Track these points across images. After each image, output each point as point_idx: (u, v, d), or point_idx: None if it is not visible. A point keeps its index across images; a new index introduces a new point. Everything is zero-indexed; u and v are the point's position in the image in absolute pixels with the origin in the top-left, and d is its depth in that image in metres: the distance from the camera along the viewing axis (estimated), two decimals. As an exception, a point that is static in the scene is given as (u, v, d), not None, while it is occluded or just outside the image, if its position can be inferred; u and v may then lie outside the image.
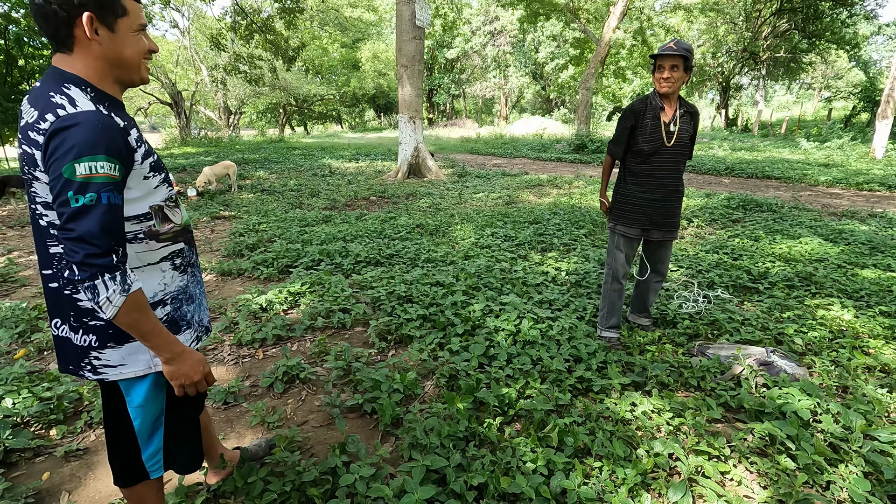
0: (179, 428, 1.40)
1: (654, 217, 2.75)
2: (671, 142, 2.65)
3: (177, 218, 1.27)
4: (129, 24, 1.10)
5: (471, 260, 4.49)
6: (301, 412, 2.38)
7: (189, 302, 1.35)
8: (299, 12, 16.21)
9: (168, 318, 1.28)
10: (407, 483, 1.70)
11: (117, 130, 1.05)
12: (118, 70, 1.12)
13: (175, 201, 1.28)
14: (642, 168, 2.72)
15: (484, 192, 8.59)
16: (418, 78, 10.43)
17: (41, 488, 1.89)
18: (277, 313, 3.46)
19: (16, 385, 2.45)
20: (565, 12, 20.43)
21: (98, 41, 1.06)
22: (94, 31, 1.05)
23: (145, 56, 1.16)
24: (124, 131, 1.08)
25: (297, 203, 7.82)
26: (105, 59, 1.09)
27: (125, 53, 1.11)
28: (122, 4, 1.08)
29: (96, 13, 1.04)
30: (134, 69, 1.14)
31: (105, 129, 1.02)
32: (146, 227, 1.18)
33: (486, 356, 2.72)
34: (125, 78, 1.15)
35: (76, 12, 1.02)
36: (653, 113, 2.64)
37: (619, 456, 1.88)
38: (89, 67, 1.09)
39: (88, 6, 1.03)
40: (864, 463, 1.84)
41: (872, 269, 4.09)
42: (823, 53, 24.75)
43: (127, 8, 1.09)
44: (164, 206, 1.22)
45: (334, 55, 39.10)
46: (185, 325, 1.34)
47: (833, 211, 6.88)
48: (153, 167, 1.17)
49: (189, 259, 1.34)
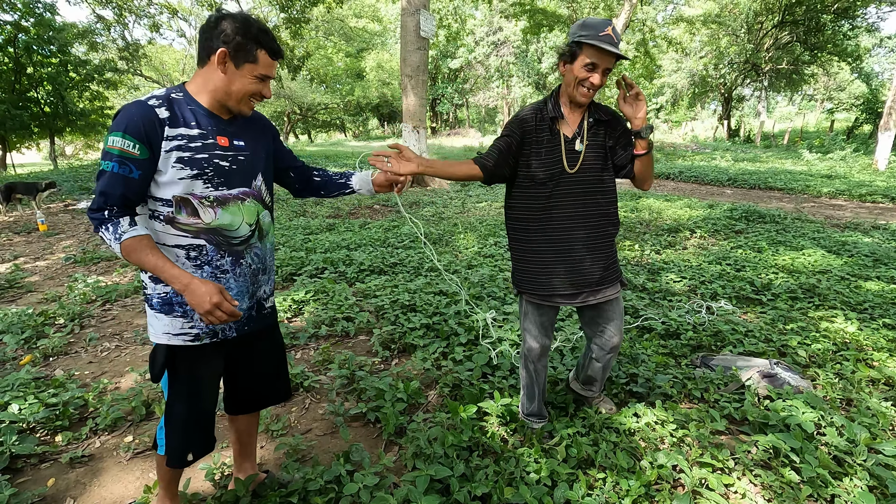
0: (175, 414, 1.47)
1: (572, 276, 1.88)
2: (575, 167, 1.81)
3: (206, 217, 1.35)
4: (252, 70, 1.33)
5: (474, 269, 4.51)
6: (305, 420, 2.38)
7: None
8: (305, 22, 16.40)
9: (165, 297, 1.39)
10: (411, 493, 1.70)
11: (147, 118, 1.26)
12: (223, 95, 1.35)
13: (213, 202, 1.35)
14: (537, 205, 1.86)
15: (487, 202, 8.62)
16: (422, 87, 10.52)
17: (46, 494, 1.90)
18: (281, 321, 3.47)
19: (22, 391, 2.46)
20: (568, 24, 20.61)
21: (222, 70, 1.32)
22: (223, 63, 1.31)
23: (252, 96, 1.38)
24: (161, 122, 1.28)
25: (301, 211, 7.87)
26: (215, 83, 1.33)
27: (234, 87, 1.34)
28: (255, 55, 1.32)
29: (231, 53, 1.30)
30: (233, 100, 1.36)
31: (135, 115, 1.25)
32: (166, 212, 1.33)
33: (489, 366, 2.73)
34: (228, 104, 1.37)
35: (219, 46, 1.29)
36: (549, 125, 1.83)
37: (622, 467, 1.88)
38: (202, 82, 1.35)
39: (228, 46, 1.29)
40: (869, 476, 1.83)
41: (876, 282, 4.09)
42: (825, 65, 24.87)
43: (258, 59, 1.33)
44: (194, 201, 1.33)
45: (339, 64, 39.42)
46: (179, 312, 1.40)
47: (836, 222, 6.88)
48: (182, 161, 1.31)
49: (210, 259, 1.39)
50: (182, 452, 1.49)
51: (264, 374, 1.69)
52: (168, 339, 1.41)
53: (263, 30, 1.33)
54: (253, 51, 1.32)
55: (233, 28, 1.29)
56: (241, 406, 1.71)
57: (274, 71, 1.39)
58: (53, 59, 13.57)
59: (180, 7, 20.83)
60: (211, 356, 1.48)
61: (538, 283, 1.91)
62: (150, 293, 1.40)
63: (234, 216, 1.40)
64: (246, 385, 1.67)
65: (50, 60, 13.10)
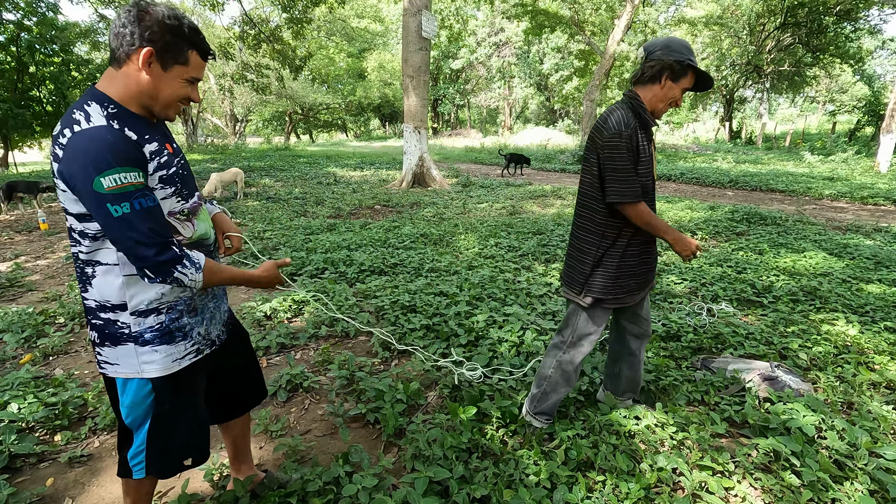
0: (165, 435, 1.39)
1: (648, 275, 2.02)
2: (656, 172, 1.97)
3: (187, 231, 1.30)
4: (183, 72, 1.21)
5: (474, 270, 4.50)
6: (304, 421, 2.38)
7: (191, 314, 1.36)
8: (307, 22, 16.41)
9: (162, 328, 1.29)
10: (410, 494, 1.70)
11: (128, 142, 1.13)
12: (149, 100, 1.21)
13: (188, 215, 1.30)
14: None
15: (488, 202, 8.62)
16: (423, 88, 10.52)
17: (45, 494, 1.89)
18: (281, 321, 3.47)
19: (21, 390, 2.46)
20: (570, 25, 20.62)
21: (147, 72, 1.16)
22: (149, 64, 1.16)
23: (182, 101, 1.26)
24: (137, 143, 1.15)
25: (301, 211, 7.87)
26: (140, 87, 1.18)
27: (163, 92, 1.20)
28: (186, 55, 1.20)
29: (158, 52, 1.15)
30: (163, 106, 1.23)
31: (115, 142, 1.10)
32: None
33: (489, 367, 2.72)
34: (154, 109, 1.24)
35: (142, 44, 1.14)
36: (647, 134, 1.85)
37: (622, 470, 1.88)
38: (124, 86, 1.18)
39: (155, 45, 1.14)
40: (870, 480, 1.83)
41: (878, 284, 4.08)
42: (827, 67, 24.85)
43: (189, 60, 1.21)
44: (170, 217, 1.26)
45: (340, 65, 39.46)
46: (180, 336, 1.33)
47: (837, 225, 6.87)
48: (163, 180, 1.22)
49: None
50: (182, 458, 1.45)
51: (243, 366, 1.68)
52: (178, 365, 1.34)
53: (194, 28, 1.21)
54: (184, 51, 1.19)
55: (161, 25, 1.14)
56: (231, 409, 1.69)
57: (203, 73, 1.27)
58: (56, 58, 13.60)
59: (182, 7, 20.86)
60: (203, 364, 1.45)
61: (621, 286, 1.93)
62: (138, 331, 1.27)
63: (204, 223, 1.37)
64: (230, 383, 1.64)
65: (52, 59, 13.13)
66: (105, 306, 1.25)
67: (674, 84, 1.81)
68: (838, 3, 19.63)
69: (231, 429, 1.75)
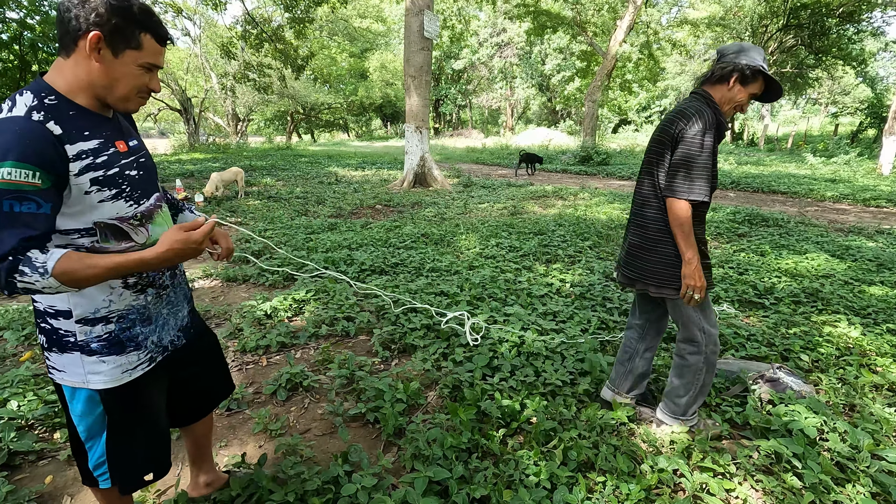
0: (121, 449, 1.32)
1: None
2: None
3: (140, 238, 1.21)
4: (136, 58, 1.11)
5: (475, 270, 4.49)
6: (304, 420, 2.38)
7: (145, 323, 1.27)
8: (309, 22, 16.42)
9: (111, 338, 1.21)
10: (409, 494, 1.69)
11: (41, 138, 1.01)
12: (102, 90, 1.12)
13: (141, 220, 1.21)
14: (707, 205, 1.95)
15: (489, 203, 8.61)
16: (425, 88, 10.52)
17: (44, 492, 1.89)
18: (282, 320, 3.47)
19: (21, 388, 2.46)
20: (572, 25, 20.61)
21: (96, 59, 1.08)
22: (97, 50, 1.07)
23: (140, 91, 1.16)
24: (59, 140, 1.04)
25: (303, 210, 7.87)
26: (91, 76, 1.10)
27: (116, 80, 1.11)
28: (138, 39, 1.10)
29: (106, 36, 1.06)
30: (120, 97, 1.14)
31: (23, 135, 0.99)
32: (88, 243, 1.13)
33: (489, 367, 2.71)
34: (108, 100, 1.14)
35: (88, 28, 1.05)
36: (719, 133, 1.87)
37: (622, 471, 1.87)
38: (73, 76, 1.10)
39: (102, 28, 1.05)
40: (872, 483, 1.82)
41: (880, 286, 4.07)
42: (830, 69, 24.78)
43: (143, 44, 1.11)
44: (121, 224, 1.16)
45: (342, 64, 39.51)
46: (132, 346, 1.25)
47: (840, 227, 6.85)
48: (98, 182, 1.11)
49: (152, 279, 1.27)
50: (142, 473, 1.37)
51: (209, 368, 1.61)
52: (129, 376, 1.25)
53: (146, 9, 1.11)
54: (135, 35, 1.09)
55: (106, 6, 1.05)
56: (195, 412, 1.61)
57: (162, 59, 1.16)
58: (58, 56, 13.67)
59: (185, 6, 20.88)
60: (161, 372, 1.37)
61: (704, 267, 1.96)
62: (84, 339, 1.18)
63: (161, 227, 1.26)
64: (191, 387, 1.56)
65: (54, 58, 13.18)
66: (50, 312, 1.17)
67: (742, 88, 1.84)
68: (841, 4, 19.59)
69: (192, 431, 1.69)
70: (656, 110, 39.03)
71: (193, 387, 1.57)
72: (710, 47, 25.65)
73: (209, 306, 3.72)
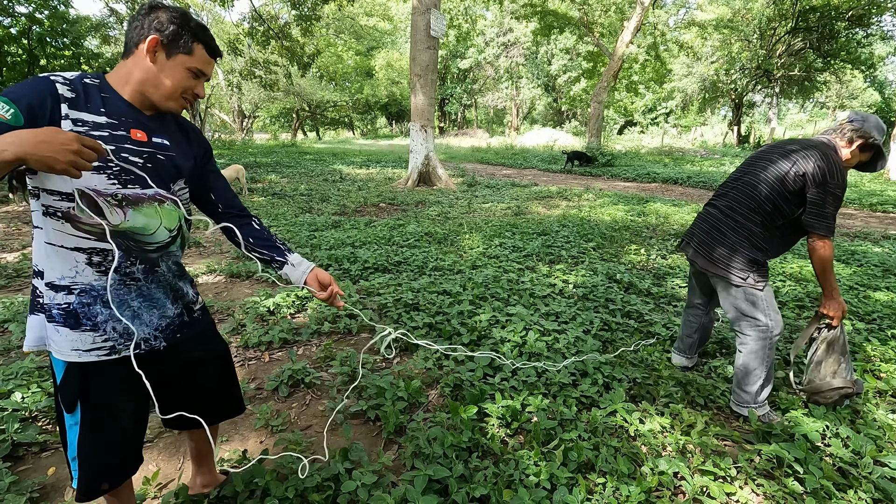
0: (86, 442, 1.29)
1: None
2: None
3: (114, 218, 1.19)
4: (186, 62, 1.24)
5: (478, 270, 4.49)
6: (305, 417, 2.38)
7: (107, 305, 1.24)
8: (316, 20, 16.44)
9: (68, 310, 1.21)
10: (409, 492, 1.69)
11: (42, 91, 1.11)
12: (151, 87, 1.24)
13: (120, 201, 1.19)
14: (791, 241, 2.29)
15: (493, 202, 8.61)
16: (431, 87, 10.52)
17: (46, 483, 1.90)
18: (284, 317, 3.48)
19: (25, 379, 2.48)
20: (579, 26, 20.57)
21: (151, 60, 1.21)
22: (154, 52, 1.21)
23: (184, 94, 1.27)
24: (62, 99, 1.13)
25: (307, 208, 7.88)
26: (144, 74, 1.22)
27: (165, 79, 1.23)
28: (190, 47, 1.24)
29: (163, 41, 1.21)
30: (164, 95, 1.25)
31: (28, 84, 1.12)
32: (65, 208, 1.15)
33: (491, 367, 2.71)
34: (154, 97, 1.25)
35: (149, 33, 1.20)
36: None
37: (623, 473, 1.86)
38: (125, 72, 1.23)
39: (161, 34, 1.20)
40: (874, 489, 1.81)
41: (885, 292, 4.04)
42: (838, 73, 24.64)
43: (194, 51, 1.25)
44: (98, 199, 1.16)
45: (349, 62, 39.55)
46: (88, 325, 1.23)
47: (846, 232, 6.81)
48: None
49: (118, 266, 1.24)
50: (95, 483, 1.32)
51: (208, 385, 1.54)
52: (79, 355, 1.23)
53: (202, 25, 1.26)
54: (189, 42, 1.23)
55: (168, 17, 1.21)
56: (188, 422, 1.49)
57: (210, 70, 1.29)
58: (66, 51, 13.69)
59: (193, 2, 20.95)
60: (133, 373, 1.26)
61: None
62: (48, 303, 1.21)
63: (149, 219, 1.24)
64: (189, 400, 1.49)
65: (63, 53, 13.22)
66: (35, 270, 1.23)
67: (860, 154, 2.18)
68: (851, 8, 19.47)
69: (192, 435, 1.69)
70: (662, 112, 38.89)
71: (185, 396, 1.50)
72: (718, 50, 25.52)
73: (212, 302, 3.73)
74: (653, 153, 20.65)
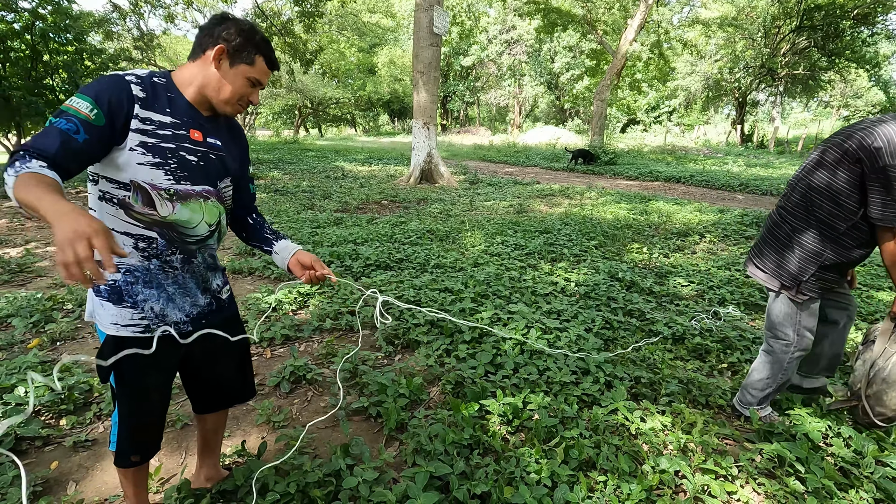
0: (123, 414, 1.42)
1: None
2: None
3: (163, 210, 1.28)
4: (247, 72, 1.33)
5: (480, 267, 4.49)
6: (306, 413, 2.39)
7: (148, 286, 1.33)
8: (318, 16, 16.42)
9: (114, 286, 1.31)
10: (410, 489, 1.70)
11: (118, 89, 1.19)
12: (212, 91, 1.33)
13: (172, 196, 1.28)
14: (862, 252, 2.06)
15: (495, 200, 8.60)
16: (434, 84, 10.50)
17: (49, 477, 1.91)
18: (286, 313, 3.48)
19: (28, 374, 2.48)
20: (582, 23, 20.50)
21: (216, 66, 1.31)
22: (219, 60, 1.30)
23: (240, 100, 1.36)
24: (135, 99, 1.21)
25: (309, 204, 7.89)
26: (207, 78, 1.31)
27: (226, 86, 1.32)
28: (252, 58, 1.33)
29: (229, 50, 1.30)
30: (223, 100, 1.34)
31: (106, 83, 1.19)
32: (121, 196, 1.25)
33: (492, 364, 2.72)
34: (213, 100, 1.34)
35: (217, 42, 1.29)
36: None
37: (624, 471, 1.87)
38: (190, 74, 1.32)
39: (228, 44, 1.29)
40: (876, 489, 1.80)
41: (888, 292, 4.03)
42: (843, 72, 24.53)
43: (255, 62, 1.34)
44: (152, 192, 1.25)
45: (351, 59, 39.49)
46: (129, 302, 1.32)
47: (849, 231, 6.78)
48: (146, 147, 1.23)
49: (159, 253, 1.32)
50: (128, 453, 1.46)
51: (228, 370, 1.64)
52: (116, 329, 1.33)
53: (266, 40, 1.35)
54: (251, 54, 1.32)
55: (237, 29, 1.30)
56: (208, 405, 1.67)
57: (266, 80, 1.39)
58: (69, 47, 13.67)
59: None
60: (163, 353, 1.38)
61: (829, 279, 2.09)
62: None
63: (193, 213, 1.33)
64: (209, 384, 1.62)
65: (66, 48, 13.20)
66: None
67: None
68: (856, 6, 19.36)
69: (204, 421, 1.74)
70: (665, 110, 38.77)
71: (206, 379, 1.62)
72: (722, 48, 25.42)
73: (215, 298, 3.74)
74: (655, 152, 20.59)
